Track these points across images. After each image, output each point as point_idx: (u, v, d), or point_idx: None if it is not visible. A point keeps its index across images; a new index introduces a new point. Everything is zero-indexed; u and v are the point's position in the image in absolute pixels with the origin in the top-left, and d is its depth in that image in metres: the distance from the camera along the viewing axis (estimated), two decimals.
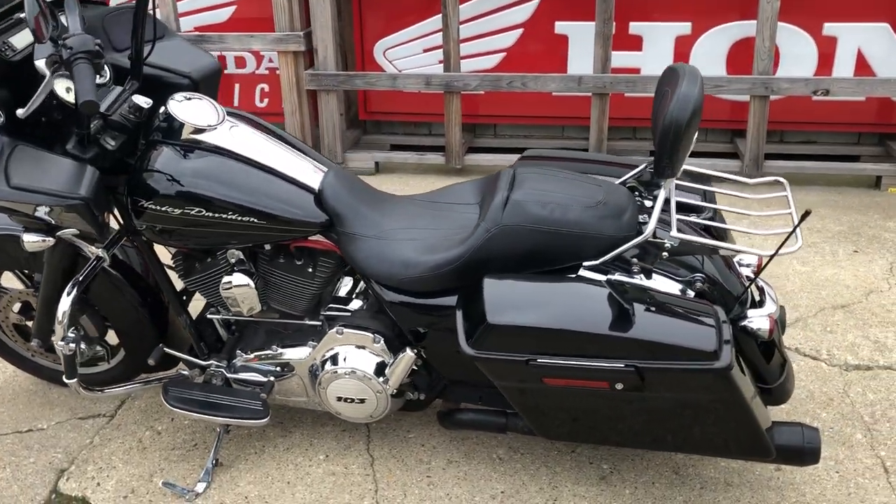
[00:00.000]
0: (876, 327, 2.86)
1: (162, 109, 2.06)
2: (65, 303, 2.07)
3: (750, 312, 1.98)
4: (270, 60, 4.81)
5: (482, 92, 4.56)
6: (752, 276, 2.10)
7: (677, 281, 1.92)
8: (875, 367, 2.65)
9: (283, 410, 2.49)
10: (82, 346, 2.32)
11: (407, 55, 4.68)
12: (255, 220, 2.00)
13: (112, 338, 2.47)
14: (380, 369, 2.11)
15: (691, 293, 1.92)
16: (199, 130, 2.04)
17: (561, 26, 4.47)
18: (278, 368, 2.25)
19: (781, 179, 2.11)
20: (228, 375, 2.27)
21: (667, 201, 1.94)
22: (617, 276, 1.87)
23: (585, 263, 1.91)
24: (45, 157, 1.88)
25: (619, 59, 4.42)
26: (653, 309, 1.78)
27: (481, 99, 4.68)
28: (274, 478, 2.26)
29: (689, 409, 1.82)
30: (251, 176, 2.02)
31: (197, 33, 4.59)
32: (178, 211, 1.99)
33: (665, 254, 1.89)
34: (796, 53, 4.26)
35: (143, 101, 2.04)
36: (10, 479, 2.30)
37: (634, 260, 1.90)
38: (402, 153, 4.64)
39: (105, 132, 2.02)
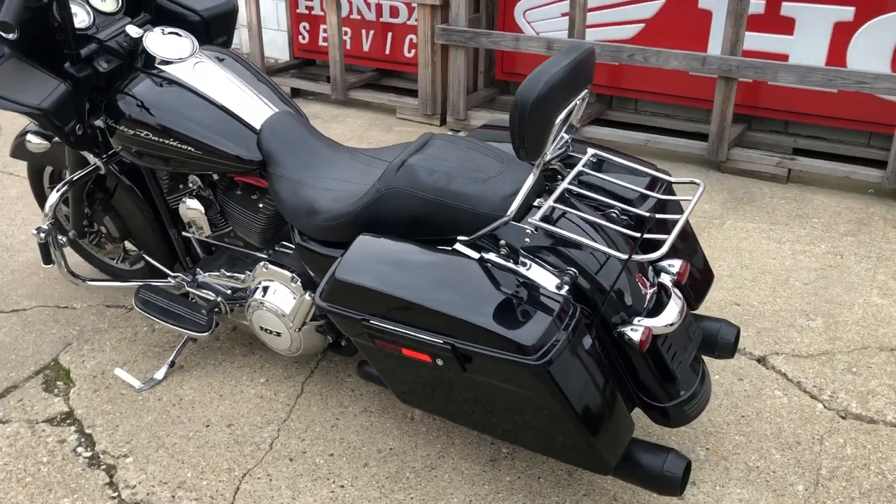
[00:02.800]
0: None
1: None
2: (52, 197, 2.40)
3: (637, 320, 1.82)
4: None
5: (617, 63, 4.37)
6: (666, 284, 1.93)
7: (554, 274, 1.82)
8: (880, 421, 2.29)
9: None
10: (62, 240, 2.55)
11: (544, 18, 4.60)
12: (193, 150, 2.18)
13: None
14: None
15: (566, 287, 1.81)
16: (166, 62, 2.25)
17: (706, 1, 4.15)
18: (229, 291, 2.44)
19: (698, 181, 1.90)
20: (189, 289, 2.50)
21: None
22: (490, 256, 1.82)
23: (460, 238, 1.87)
24: (29, 71, 2.18)
25: (765, 42, 4.04)
26: (493, 293, 1.72)
27: (624, 70, 4.48)
28: (213, 388, 2.47)
29: (511, 400, 1.75)
30: (197, 109, 2.19)
31: None
32: (131, 132, 2.22)
33: (527, 239, 1.80)
34: None
35: (134, 32, 2.29)
36: (31, 342, 2.73)
37: (502, 242, 1.83)
38: None
39: (100, 56, 2.29)
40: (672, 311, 1.86)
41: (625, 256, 1.72)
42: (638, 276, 1.89)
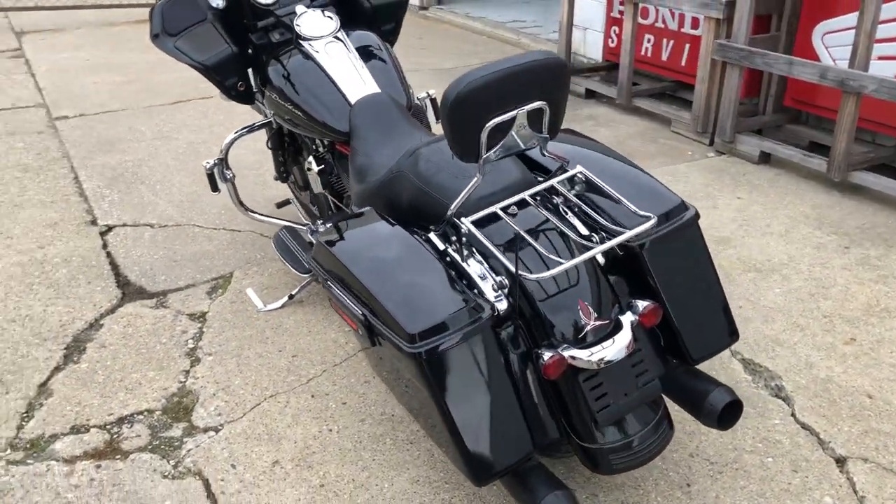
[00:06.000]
0: None
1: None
2: (227, 138, 2.95)
3: (562, 347, 1.74)
4: None
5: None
6: (622, 320, 1.80)
7: (494, 279, 1.82)
8: None
9: None
10: (228, 173, 2.97)
11: (844, 44, 4.07)
12: (300, 114, 2.54)
13: None
14: None
15: (500, 293, 1.80)
16: (305, 38, 2.63)
17: None
18: None
19: (651, 216, 1.72)
20: (310, 237, 2.89)
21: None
22: (448, 249, 1.90)
23: (432, 227, 1.96)
24: (212, 35, 2.71)
25: None
26: (418, 279, 1.79)
27: None
28: (308, 324, 2.84)
29: (407, 385, 1.81)
30: (312, 80, 2.54)
31: None
32: (268, 93, 2.65)
33: (464, 238, 1.82)
34: None
35: (299, 9, 2.71)
36: (226, 256, 3.37)
37: (453, 238, 1.87)
38: (790, 150, 4.15)
39: (276, 28, 2.76)
40: (607, 350, 1.74)
41: (513, 269, 1.67)
42: (581, 303, 1.79)
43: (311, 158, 2.73)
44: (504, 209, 1.82)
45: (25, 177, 4.14)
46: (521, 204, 1.88)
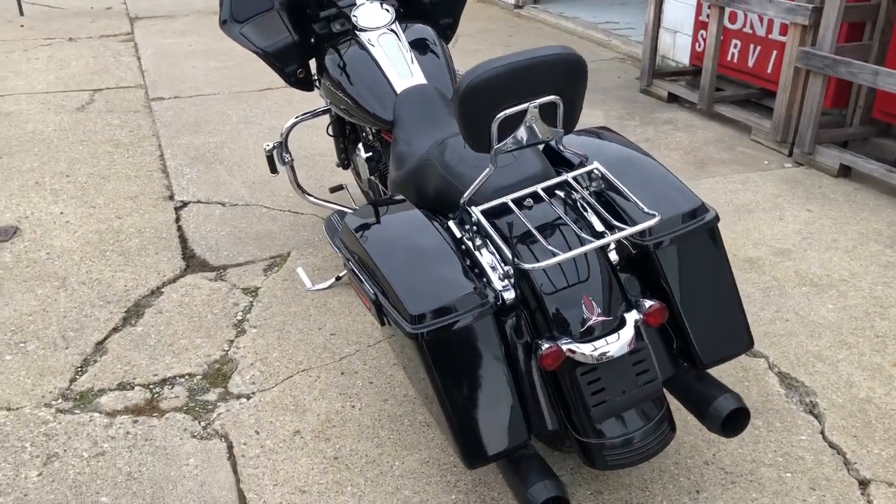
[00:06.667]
0: None
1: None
2: (287, 122, 3.07)
3: (564, 340, 1.76)
4: None
5: None
6: (626, 318, 1.80)
7: (503, 268, 1.85)
8: None
9: None
10: (287, 157, 3.10)
11: None
12: (350, 102, 2.63)
13: None
14: None
15: (508, 282, 1.83)
16: (360, 29, 2.72)
17: None
18: None
19: (656, 214, 1.70)
20: None
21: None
22: (464, 238, 1.94)
23: (451, 215, 2.01)
24: (276, 24, 2.84)
25: None
26: (427, 263, 1.84)
27: None
28: (350, 306, 2.94)
29: (413, 364, 1.86)
30: (363, 69, 2.62)
31: None
32: (323, 80, 2.75)
33: (474, 227, 1.86)
34: None
35: (359, 1, 2.81)
36: (286, 236, 3.51)
37: (466, 227, 1.91)
38: (872, 164, 3.97)
39: (338, 19, 2.87)
40: (605, 345, 1.75)
41: (510, 258, 1.70)
42: (586, 298, 1.80)
43: (360, 145, 2.82)
44: (517, 201, 1.85)
45: (116, 152, 4.41)
46: (537, 197, 1.90)
